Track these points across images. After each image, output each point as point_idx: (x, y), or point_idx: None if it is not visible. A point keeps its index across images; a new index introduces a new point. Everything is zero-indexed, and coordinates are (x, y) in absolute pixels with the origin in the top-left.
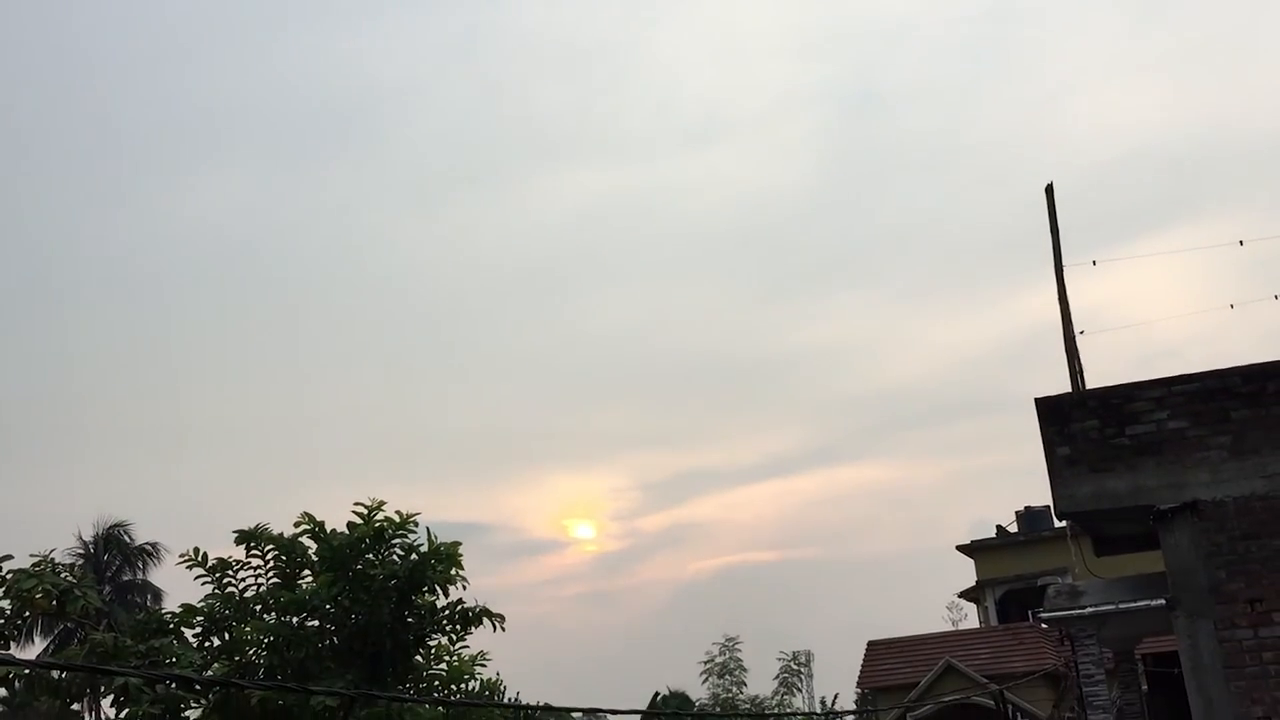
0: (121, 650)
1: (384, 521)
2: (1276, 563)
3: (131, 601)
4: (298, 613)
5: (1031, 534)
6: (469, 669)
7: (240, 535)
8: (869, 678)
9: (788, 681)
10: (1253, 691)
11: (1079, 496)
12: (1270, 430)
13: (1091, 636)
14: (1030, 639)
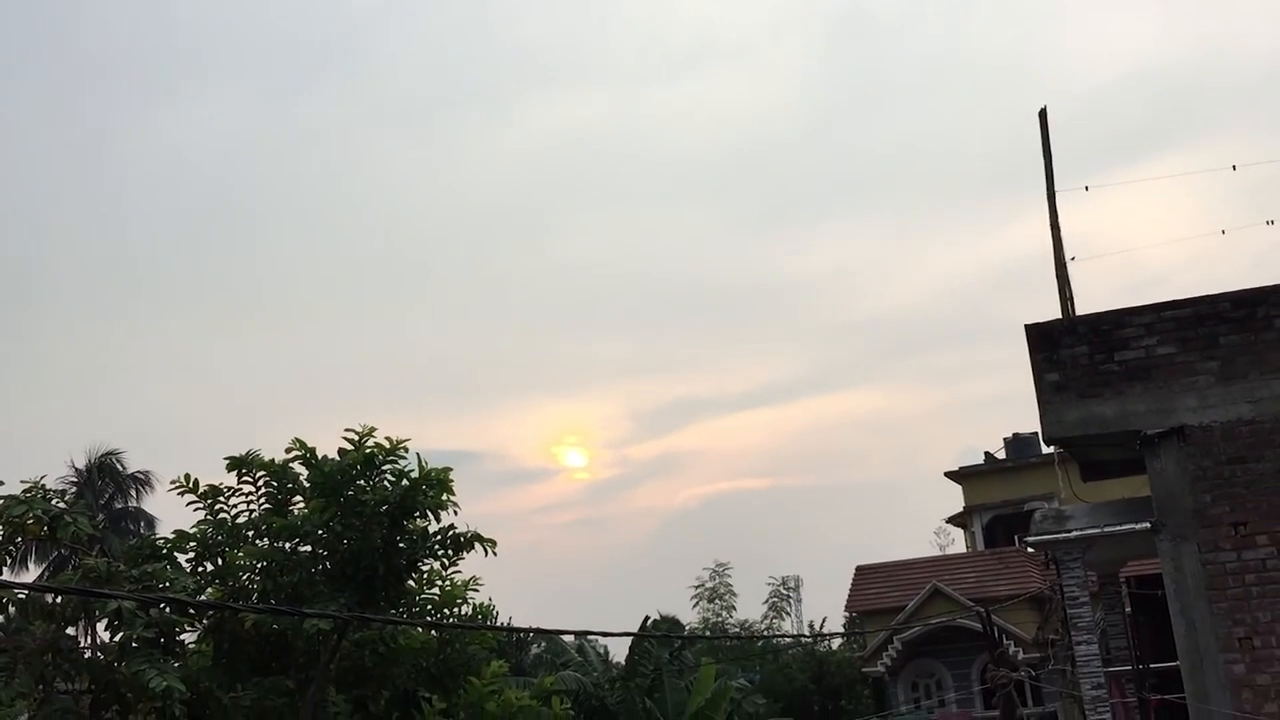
0: (114, 575)
1: (374, 448)
2: (1261, 487)
3: (125, 529)
4: (290, 538)
5: (1019, 460)
6: (461, 593)
7: (232, 461)
8: (857, 601)
9: (777, 606)
10: (1234, 613)
11: (1067, 422)
12: (1259, 355)
13: (1077, 560)
14: (1016, 563)
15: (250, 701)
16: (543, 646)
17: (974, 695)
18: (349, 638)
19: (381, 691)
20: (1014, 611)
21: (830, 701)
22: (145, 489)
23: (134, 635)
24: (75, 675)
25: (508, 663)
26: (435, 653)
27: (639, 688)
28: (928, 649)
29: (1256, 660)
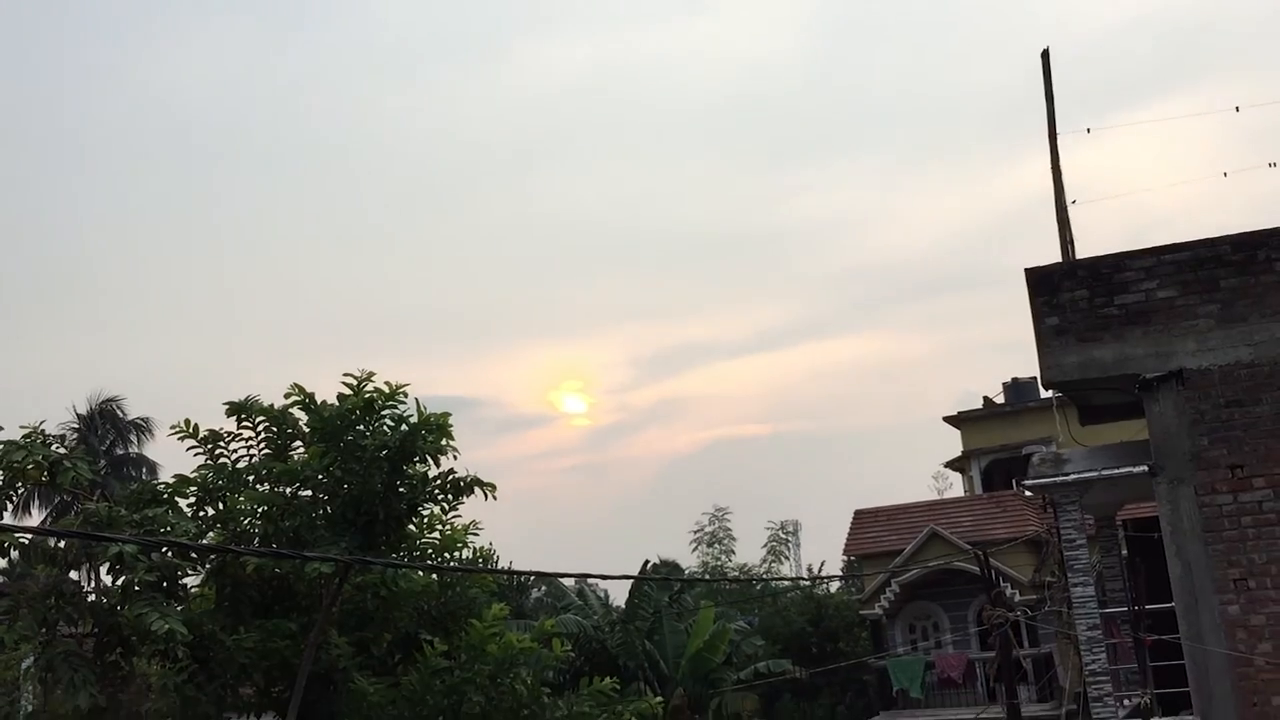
0: (116, 520)
1: (374, 393)
2: (1259, 430)
3: (126, 475)
4: (290, 483)
5: (1018, 405)
6: (461, 537)
7: (231, 407)
8: (855, 545)
9: (775, 550)
10: (1230, 554)
11: (1066, 366)
12: (1259, 298)
13: (1074, 503)
14: (1013, 506)
15: (253, 644)
16: (543, 590)
17: (970, 637)
18: (350, 581)
19: (383, 634)
20: (1010, 554)
21: (828, 643)
22: (145, 435)
23: (136, 579)
24: (78, 619)
25: (509, 606)
26: (436, 596)
27: (639, 630)
28: (925, 592)
29: (1251, 601)
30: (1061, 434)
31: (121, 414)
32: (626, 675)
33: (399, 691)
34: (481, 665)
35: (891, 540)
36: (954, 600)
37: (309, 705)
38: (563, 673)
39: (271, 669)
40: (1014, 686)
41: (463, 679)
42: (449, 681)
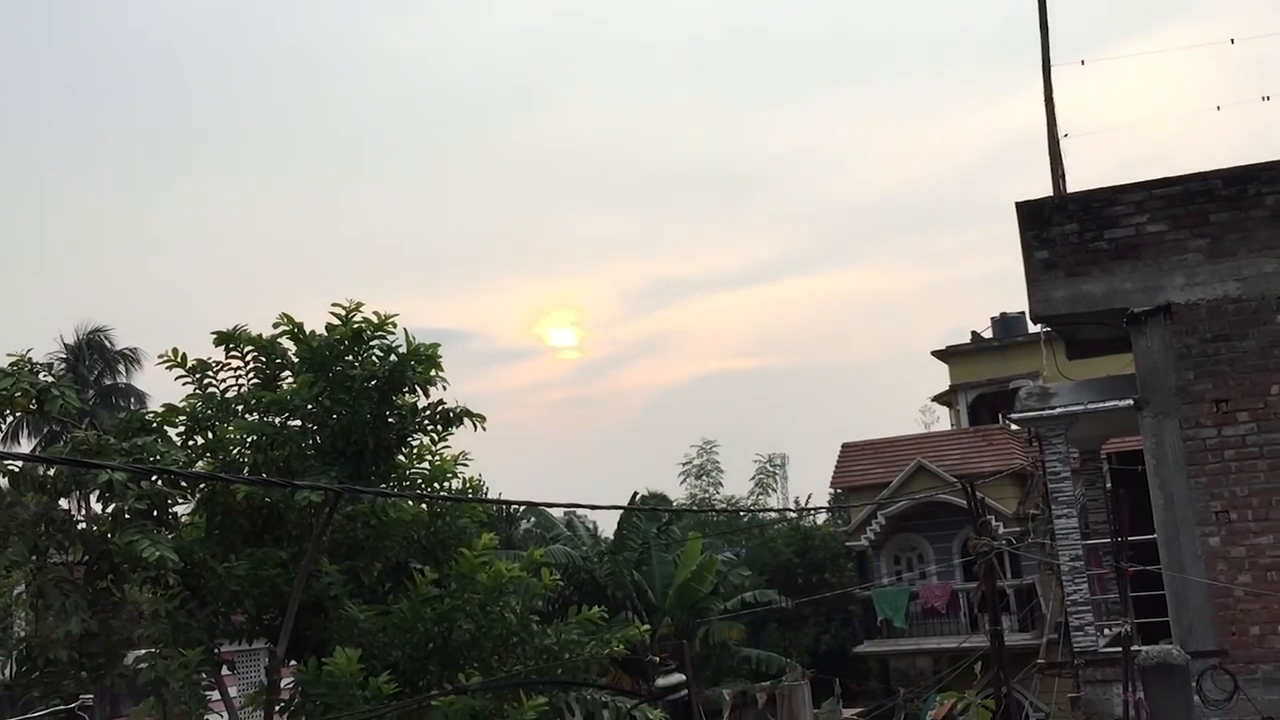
0: (105, 448)
1: (362, 323)
2: (1244, 364)
3: (114, 405)
4: (279, 413)
5: (1005, 339)
6: (450, 468)
7: (219, 336)
8: (843, 478)
9: (763, 483)
10: (1212, 487)
11: (1055, 300)
12: (1248, 233)
13: (1060, 436)
14: (999, 440)
15: (244, 571)
16: (532, 522)
17: (954, 568)
18: (340, 511)
19: (374, 563)
20: (996, 488)
21: (814, 574)
22: (134, 366)
23: (126, 507)
24: (69, 546)
25: (498, 536)
26: (426, 525)
27: (627, 561)
28: (910, 524)
29: (1232, 533)
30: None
31: (109, 344)
32: (615, 605)
33: (390, 619)
34: (471, 594)
35: (878, 473)
36: (939, 532)
37: (300, 632)
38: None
39: (263, 596)
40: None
41: (453, 607)
42: (439, 609)
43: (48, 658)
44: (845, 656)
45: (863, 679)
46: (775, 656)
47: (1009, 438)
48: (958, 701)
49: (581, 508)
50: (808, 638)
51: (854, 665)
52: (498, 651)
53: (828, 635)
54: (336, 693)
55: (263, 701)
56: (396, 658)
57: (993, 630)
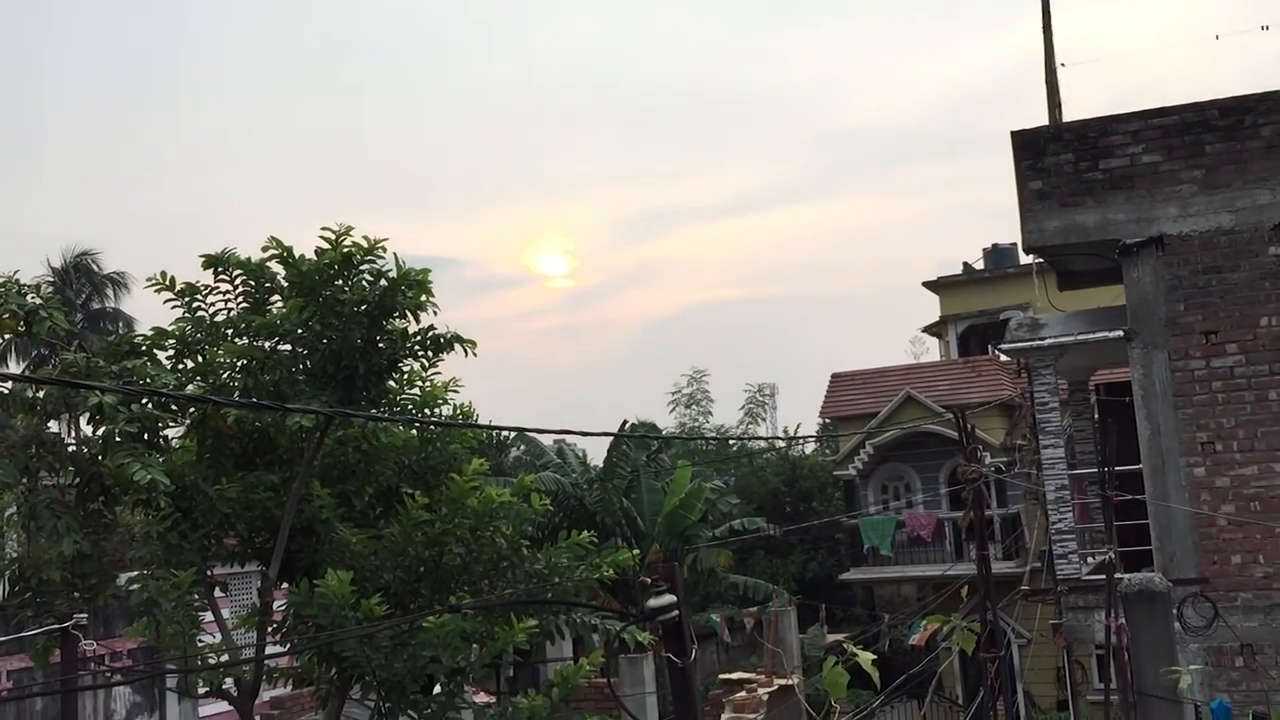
0: (94, 370)
1: (352, 247)
2: (1234, 296)
3: (103, 330)
4: (269, 337)
5: (997, 270)
6: (441, 394)
7: (208, 260)
8: (832, 408)
9: (752, 412)
10: (1199, 418)
11: (1048, 231)
12: (1243, 164)
13: (1049, 367)
14: (988, 371)
15: (235, 494)
16: (522, 449)
17: (941, 498)
18: (331, 435)
19: (365, 487)
20: (984, 418)
21: (802, 503)
22: (122, 290)
23: (116, 430)
24: (59, 468)
25: (488, 462)
26: (417, 450)
27: (616, 489)
28: (898, 454)
29: (1217, 464)
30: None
31: (97, 268)
32: (604, 531)
33: (381, 543)
34: (462, 519)
35: (867, 403)
36: (926, 462)
37: (292, 555)
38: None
39: (254, 519)
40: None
41: (443, 531)
42: (430, 533)
43: (40, 578)
44: (831, 583)
45: (848, 605)
46: (762, 583)
47: (998, 369)
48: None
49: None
50: (794, 565)
51: (840, 592)
52: (488, 575)
53: (814, 563)
54: (328, 614)
55: (255, 622)
56: (388, 581)
57: (980, 555)
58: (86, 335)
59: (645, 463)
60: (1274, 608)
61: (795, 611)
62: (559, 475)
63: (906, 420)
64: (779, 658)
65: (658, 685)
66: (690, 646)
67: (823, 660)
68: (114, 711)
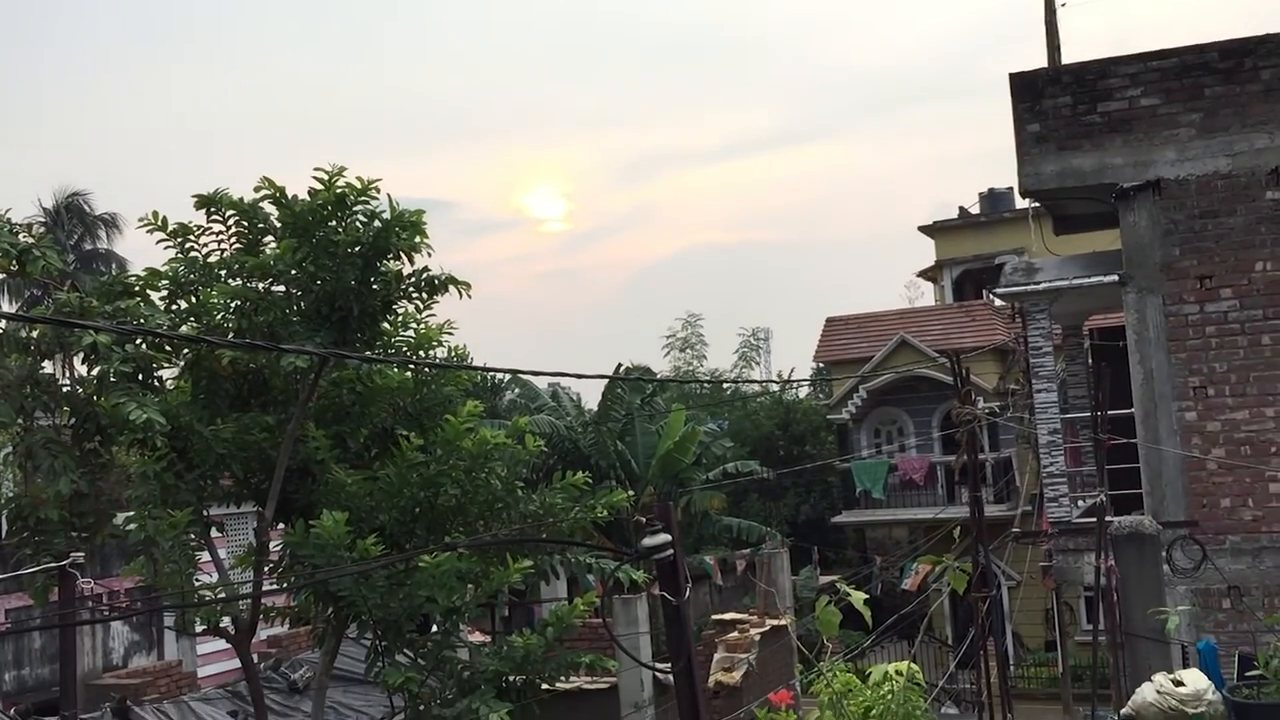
0: (88, 310)
1: (345, 188)
2: (1230, 241)
3: (95, 271)
4: (263, 278)
5: (993, 215)
6: (435, 336)
7: (200, 200)
8: (826, 352)
9: (746, 356)
10: (1192, 363)
11: (1044, 174)
12: (1242, 108)
13: (1043, 311)
14: (982, 316)
15: (230, 435)
16: (517, 392)
17: (933, 442)
18: (326, 377)
19: (360, 429)
20: (977, 363)
21: (795, 447)
22: (114, 231)
23: (111, 369)
24: (55, 408)
25: (483, 405)
26: (411, 393)
27: (611, 432)
28: (891, 398)
29: (1209, 408)
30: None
31: (89, 209)
32: (598, 474)
33: (376, 484)
34: (457, 460)
35: (861, 347)
36: (919, 406)
37: (288, 496)
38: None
39: (249, 460)
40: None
41: (438, 472)
42: (425, 475)
43: (38, 516)
44: (824, 526)
45: (840, 548)
46: (755, 525)
47: (991, 313)
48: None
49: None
50: (787, 508)
51: (832, 535)
52: (483, 516)
53: (807, 506)
54: (324, 554)
55: (252, 562)
56: (383, 521)
57: (972, 496)
58: (79, 276)
59: (640, 406)
60: (1262, 550)
61: (788, 554)
62: (553, 418)
63: (900, 365)
64: (772, 598)
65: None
66: (684, 584)
67: (815, 601)
68: (112, 649)
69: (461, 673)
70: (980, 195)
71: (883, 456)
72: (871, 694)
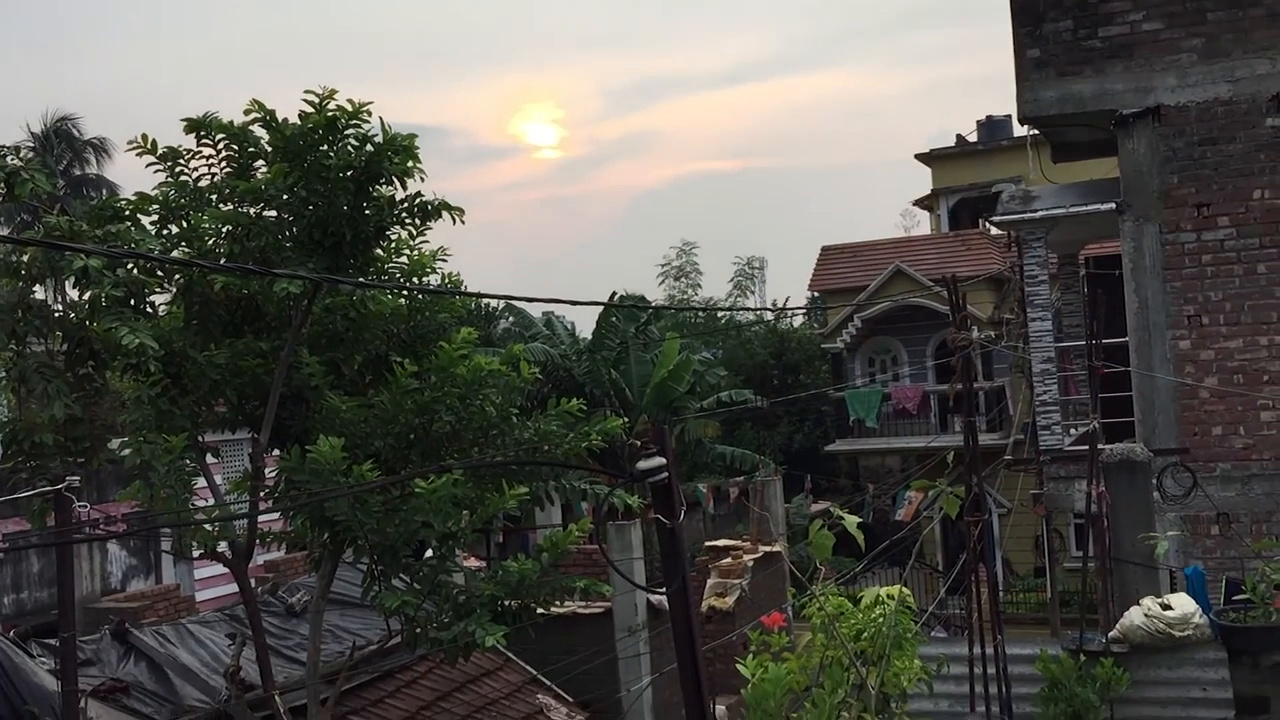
0: (78, 234)
1: (336, 111)
2: (1229, 168)
3: (85, 196)
4: (254, 203)
5: (990, 142)
6: (429, 262)
7: (189, 124)
8: (821, 280)
9: (741, 285)
10: (1187, 291)
11: (1044, 100)
12: (1245, 32)
13: (1040, 240)
14: (978, 245)
15: (224, 360)
16: (511, 320)
17: (927, 371)
18: (319, 303)
19: (354, 355)
20: (972, 292)
21: (789, 375)
22: (103, 156)
23: (103, 293)
24: (47, 333)
25: (477, 333)
26: (405, 319)
27: (605, 360)
28: (886, 327)
29: (1202, 337)
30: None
31: (78, 133)
32: (593, 402)
33: (371, 411)
34: (451, 387)
35: (856, 276)
36: (913, 335)
37: (282, 422)
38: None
39: (244, 386)
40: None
41: (433, 399)
42: (419, 401)
43: (33, 441)
44: (816, 455)
45: (833, 476)
46: (749, 453)
47: (987, 242)
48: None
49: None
50: (781, 436)
51: (825, 463)
52: (478, 443)
53: (800, 434)
54: (320, 479)
55: (248, 487)
56: (378, 448)
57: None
58: (69, 202)
59: (634, 334)
60: (1251, 478)
61: (781, 481)
62: (548, 347)
63: (895, 294)
64: (765, 524)
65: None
66: (679, 507)
67: (809, 526)
68: (110, 574)
69: (457, 597)
70: (979, 123)
71: (876, 385)
72: (863, 617)
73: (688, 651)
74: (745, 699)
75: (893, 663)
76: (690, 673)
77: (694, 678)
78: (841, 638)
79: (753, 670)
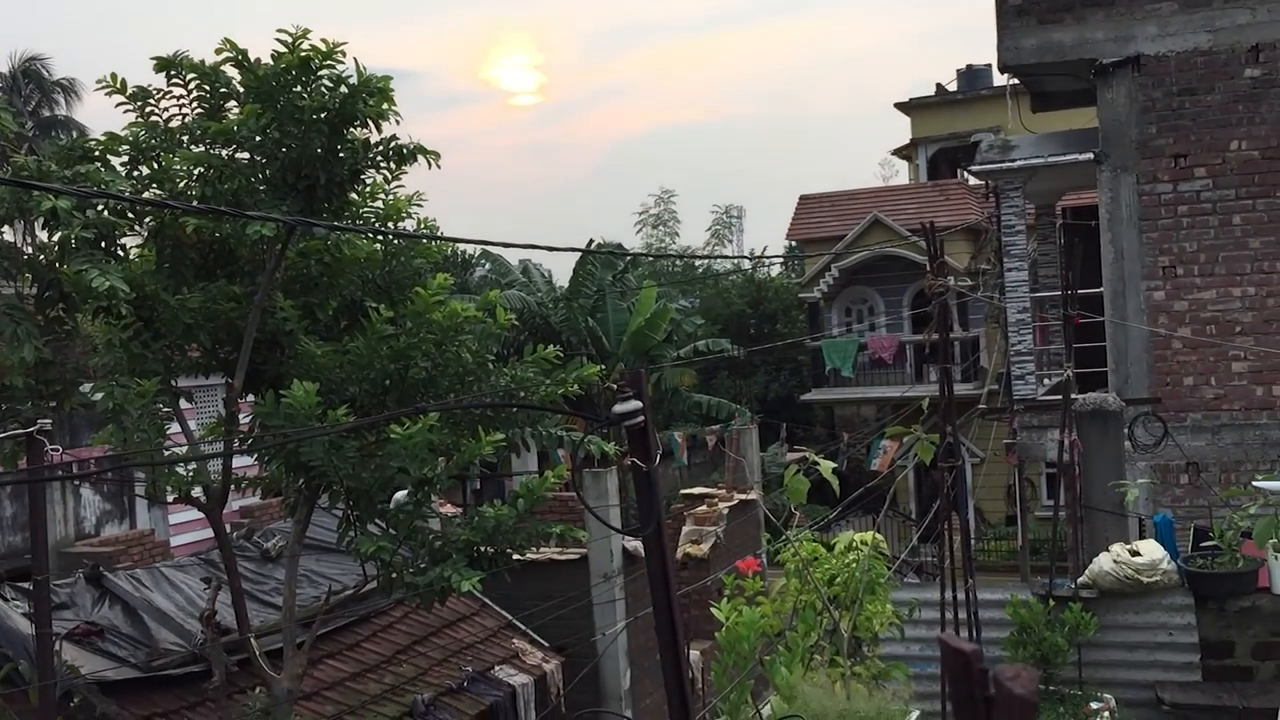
0: (47, 174)
1: (310, 51)
2: (1206, 119)
3: (54, 138)
4: (226, 145)
5: (970, 92)
6: (404, 207)
7: (159, 63)
8: (799, 230)
9: (719, 234)
10: (1163, 243)
11: (1024, 49)
12: None
13: (1017, 189)
14: (956, 195)
15: (197, 305)
16: (487, 268)
17: (903, 321)
18: (293, 247)
19: (329, 300)
20: (949, 242)
21: (766, 325)
22: (73, 97)
23: (73, 235)
24: (16, 275)
25: (453, 279)
26: (380, 264)
27: (582, 308)
28: (862, 277)
29: (1177, 288)
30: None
31: (47, 74)
32: (569, 350)
33: (346, 357)
34: (427, 333)
35: (834, 226)
36: (890, 285)
37: (256, 368)
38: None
39: (217, 330)
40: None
41: (408, 345)
42: (395, 347)
43: (3, 384)
44: (792, 404)
45: (809, 425)
46: (725, 402)
47: (965, 193)
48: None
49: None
50: (757, 386)
51: (801, 412)
52: (454, 389)
53: (776, 384)
54: (295, 424)
55: (222, 433)
56: (353, 394)
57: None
58: (37, 143)
59: (611, 282)
60: (1221, 428)
61: (756, 430)
62: (524, 294)
63: (873, 243)
64: (741, 471)
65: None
66: (655, 451)
67: (784, 473)
68: (84, 519)
69: (433, 542)
70: (958, 72)
71: (853, 335)
72: (836, 562)
73: (663, 595)
74: (719, 642)
75: (865, 607)
76: (665, 617)
77: (669, 622)
78: (815, 582)
79: (727, 614)
